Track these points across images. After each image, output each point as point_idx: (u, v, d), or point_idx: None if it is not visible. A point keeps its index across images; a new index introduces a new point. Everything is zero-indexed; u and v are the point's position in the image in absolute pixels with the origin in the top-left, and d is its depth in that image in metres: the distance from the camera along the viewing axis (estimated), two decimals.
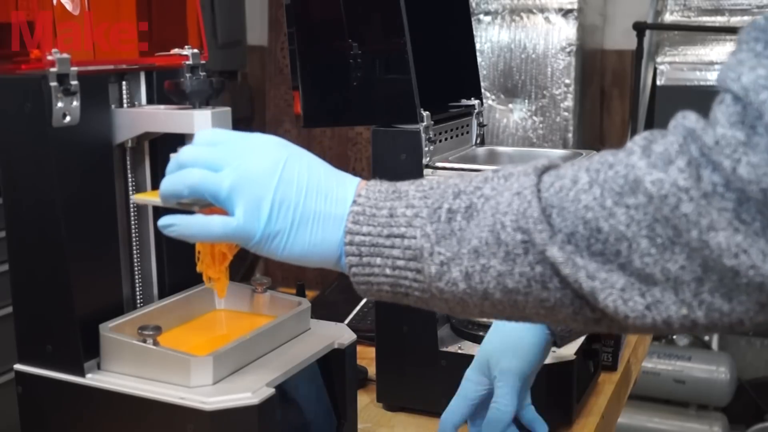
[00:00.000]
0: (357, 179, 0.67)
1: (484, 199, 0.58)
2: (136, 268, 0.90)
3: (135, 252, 0.90)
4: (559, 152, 1.27)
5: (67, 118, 0.78)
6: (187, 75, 0.91)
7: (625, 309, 0.53)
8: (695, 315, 0.52)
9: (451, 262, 0.58)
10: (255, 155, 0.66)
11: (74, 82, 0.78)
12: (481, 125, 1.19)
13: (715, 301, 0.51)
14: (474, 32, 1.25)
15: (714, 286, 0.51)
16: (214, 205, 0.67)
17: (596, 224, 0.53)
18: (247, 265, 3.38)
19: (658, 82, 2.64)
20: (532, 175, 0.58)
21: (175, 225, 0.68)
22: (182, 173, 0.67)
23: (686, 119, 0.51)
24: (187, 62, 0.92)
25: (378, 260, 0.62)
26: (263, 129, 3.25)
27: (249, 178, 0.65)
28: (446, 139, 1.08)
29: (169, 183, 0.69)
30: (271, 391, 0.77)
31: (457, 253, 0.58)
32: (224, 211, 0.66)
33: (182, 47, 0.92)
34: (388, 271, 0.62)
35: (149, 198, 0.81)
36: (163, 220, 0.68)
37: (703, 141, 0.50)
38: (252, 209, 0.64)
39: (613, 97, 2.90)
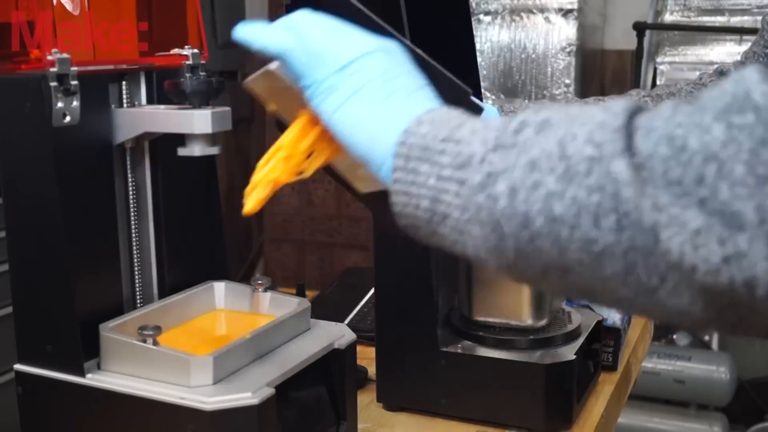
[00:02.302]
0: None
1: (565, 114, 0.49)
2: (136, 268, 0.90)
3: (135, 252, 0.90)
4: None
5: (67, 118, 0.78)
6: (187, 75, 0.91)
7: (695, 258, 0.41)
8: None
9: (500, 174, 0.49)
10: (366, 34, 0.62)
11: (74, 82, 0.78)
12: None
13: None
14: (474, 32, 1.25)
15: None
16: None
17: (683, 142, 0.42)
18: (247, 265, 3.39)
19: (658, 82, 2.64)
20: (633, 102, 0.48)
21: (251, 25, 0.65)
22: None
23: None
24: (187, 62, 0.92)
25: (425, 167, 0.54)
26: (263, 129, 3.26)
27: (347, 33, 0.61)
28: None
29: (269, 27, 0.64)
30: (271, 391, 0.77)
31: (510, 165, 0.49)
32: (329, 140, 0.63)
33: (182, 47, 0.92)
34: (431, 181, 0.53)
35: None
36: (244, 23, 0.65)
37: None
38: (332, 50, 0.60)
39: None
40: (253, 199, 0.66)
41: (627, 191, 0.44)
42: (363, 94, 0.59)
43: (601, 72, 2.88)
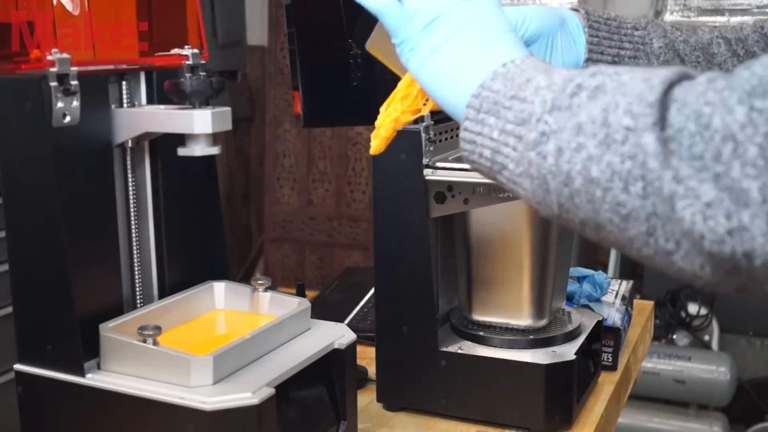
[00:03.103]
0: (528, 55, 0.64)
1: (617, 83, 0.53)
2: (136, 268, 0.90)
3: (135, 252, 0.90)
4: None
5: (67, 118, 0.78)
6: (187, 75, 0.92)
7: (703, 228, 0.46)
8: None
9: (552, 134, 0.54)
10: None
11: (74, 82, 0.78)
12: None
13: None
14: None
15: None
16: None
17: (708, 120, 0.46)
18: (247, 265, 3.39)
19: None
20: (676, 70, 0.52)
21: None
22: None
23: None
24: (187, 62, 0.92)
25: (492, 120, 0.59)
26: (263, 129, 3.26)
27: None
28: (446, 139, 1.08)
29: None
30: (271, 391, 0.77)
31: (561, 127, 0.54)
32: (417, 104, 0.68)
33: (182, 47, 0.92)
34: (495, 134, 0.59)
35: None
36: None
37: None
38: (420, 7, 0.64)
39: None
40: (378, 139, 0.71)
41: (653, 162, 0.48)
42: (443, 52, 0.63)
43: None
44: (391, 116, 0.71)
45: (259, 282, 0.94)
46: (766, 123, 0.44)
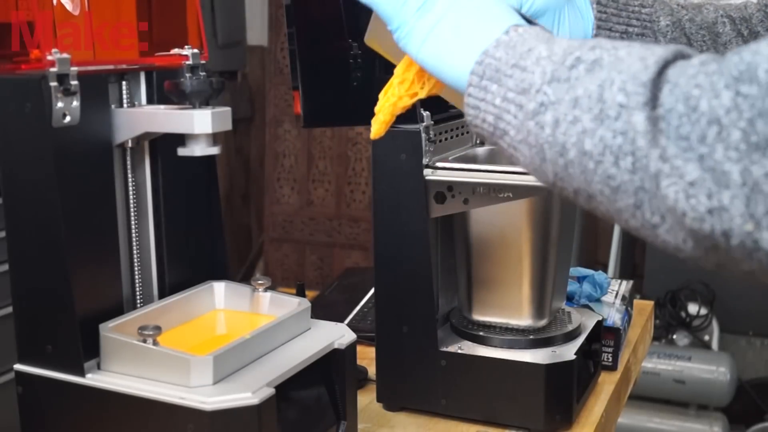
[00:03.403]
0: (524, 23, 0.65)
1: (614, 58, 0.55)
2: (136, 268, 0.90)
3: (135, 252, 0.90)
4: None
5: (67, 118, 0.78)
6: (187, 75, 0.92)
7: (686, 205, 0.48)
8: (759, 236, 0.46)
9: (550, 105, 0.56)
10: None
11: (74, 82, 0.78)
12: None
13: None
14: None
15: None
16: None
17: (696, 102, 0.48)
18: (247, 265, 3.39)
19: None
20: (672, 49, 0.54)
21: None
22: None
23: None
24: (187, 62, 0.92)
25: (494, 87, 0.61)
26: (263, 129, 3.26)
27: None
28: (446, 139, 1.08)
29: None
30: (271, 391, 0.77)
31: (559, 99, 0.56)
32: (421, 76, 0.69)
33: (182, 47, 0.92)
34: (497, 101, 0.61)
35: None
36: None
37: None
38: None
39: None
40: (378, 124, 0.72)
41: (642, 140, 0.50)
42: (438, 31, 0.65)
43: None
44: (390, 101, 0.72)
45: (259, 282, 0.94)
46: (751, 108, 0.46)
